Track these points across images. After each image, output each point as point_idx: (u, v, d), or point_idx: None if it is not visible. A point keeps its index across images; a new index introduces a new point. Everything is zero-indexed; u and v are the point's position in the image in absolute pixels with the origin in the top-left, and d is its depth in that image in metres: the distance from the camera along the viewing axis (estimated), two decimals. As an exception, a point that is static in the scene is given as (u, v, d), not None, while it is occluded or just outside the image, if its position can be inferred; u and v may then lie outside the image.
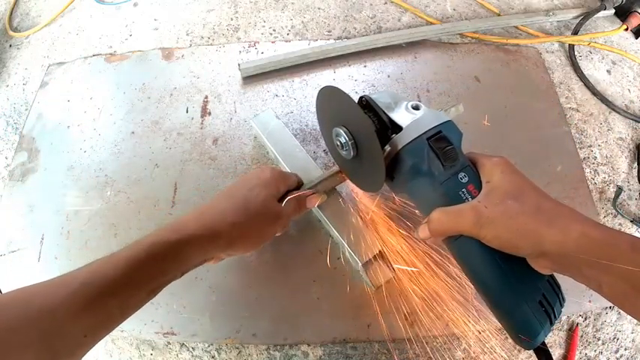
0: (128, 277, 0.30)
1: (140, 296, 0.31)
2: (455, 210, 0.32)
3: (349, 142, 0.37)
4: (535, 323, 0.31)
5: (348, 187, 0.51)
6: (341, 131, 0.37)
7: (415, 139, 0.34)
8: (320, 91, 0.40)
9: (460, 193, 0.33)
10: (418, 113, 0.35)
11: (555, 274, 0.32)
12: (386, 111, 0.36)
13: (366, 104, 0.37)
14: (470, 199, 0.33)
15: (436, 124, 0.34)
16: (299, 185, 0.44)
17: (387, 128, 0.36)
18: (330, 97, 0.39)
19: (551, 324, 0.32)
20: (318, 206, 0.47)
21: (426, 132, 0.34)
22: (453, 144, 0.33)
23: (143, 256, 0.31)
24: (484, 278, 0.33)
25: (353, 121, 0.36)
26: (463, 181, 0.33)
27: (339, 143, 0.39)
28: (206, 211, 0.36)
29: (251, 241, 0.39)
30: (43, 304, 0.27)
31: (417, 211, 0.40)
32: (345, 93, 0.35)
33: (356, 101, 0.37)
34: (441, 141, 0.33)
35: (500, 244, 0.30)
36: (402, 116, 0.35)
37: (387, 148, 0.35)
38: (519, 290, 0.31)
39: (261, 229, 0.39)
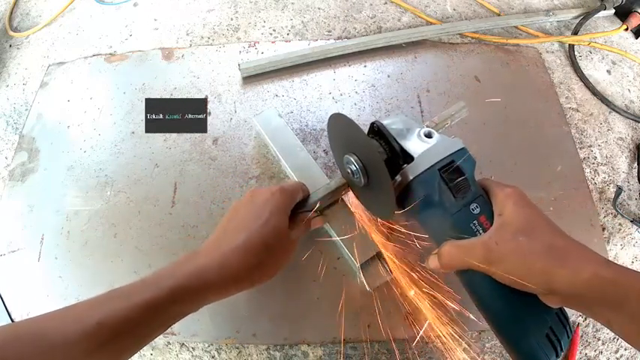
0: (144, 320, 0.29)
1: (153, 336, 0.31)
2: (465, 245, 0.32)
3: (359, 170, 0.36)
4: (542, 356, 0.31)
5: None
6: (351, 159, 0.37)
7: (426, 170, 0.33)
8: (330, 118, 0.39)
9: (472, 225, 0.33)
10: (431, 141, 0.34)
11: None
12: (397, 138, 0.35)
13: (378, 131, 0.37)
14: (481, 231, 0.33)
15: (448, 153, 0.33)
16: (305, 196, 0.43)
17: (399, 157, 0.35)
18: (339, 125, 0.38)
19: (557, 356, 0.32)
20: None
21: (437, 162, 0.33)
22: (465, 174, 0.33)
23: (162, 301, 0.30)
24: (492, 310, 0.33)
25: (362, 150, 0.36)
26: (475, 212, 0.33)
27: (349, 170, 0.38)
28: (225, 254, 0.34)
29: (268, 277, 0.37)
30: (56, 340, 0.27)
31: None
32: (353, 122, 0.34)
33: (368, 128, 0.37)
34: (453, 172, 0.33)
35: (510, 282, 0.30)
36: (414, 144, 0.34)
37: (398, 178, 0.34)
38: (527, 323, 0.31)
39: (277, 262, 0.37)
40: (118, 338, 0.28)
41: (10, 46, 0.67)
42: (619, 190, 0.54)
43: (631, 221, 0.52)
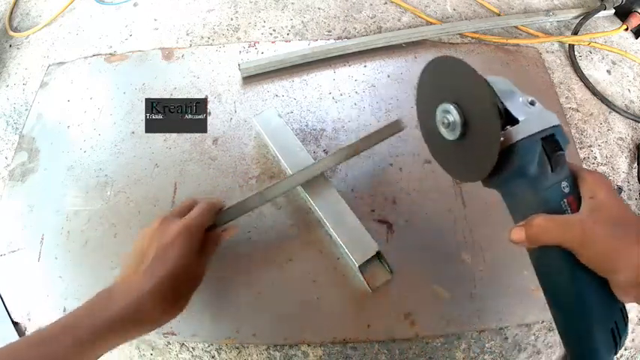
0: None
1: None
2: (562, 220, 0.31)
3: (459, 121, 0.34)
4: (603, 352, 0.31)
5: (348, 186, 0.51)
6: (451, 107, 0.34)
7: (531, 135, 0.32)
8: (432, 61, 0.36)
9: (562, 202, 0.32)
10: (534, 109, 0.33)
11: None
12: (502, 98, 0.33)
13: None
14: (569, 210, 0.32)
15: (551, 125, 0.32)
16: (219, 210, 0.43)
17: (502, 117, 0.33)
18: (445, 68, 0.36)
19: (615, 354, 0.31)
20: (316, 206, 0.47)
21: (542, 131, 0.32)
22: (563, 149, 0.32)
23: (82, 348, 0.31)
24: (563, 292, 0.32)
25: (469, 96, 0.33)
26: (565, 191, 0.32)
27: (446, 121, 0.35)
28: (139, 305, 0.34)
29: (175, 315, 0.37)
30: None
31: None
32: (464, 62, 0.32)
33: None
34: (554, 144, 0.32)
35: (598, 265, 0.30)
36: (517, 108, 0.33)
37: (501, 137, 0.32)
38: (596, 314, 0.31)
39: (187, 300, 0.38)
40: None
41: (10, 46, 0.67)
42: (619, 190, 0.54)
43: (631, 221, 0.52)
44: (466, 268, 0.47)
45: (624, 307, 0.32)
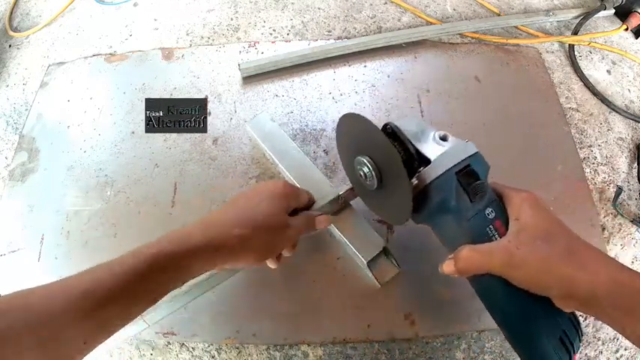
0: (129, 288, 0.30)
1: (141, 305, 0.31)
2: (485, 249, 0.32)
3: (373, 173, 0.36)
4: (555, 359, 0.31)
5: (348, 186, 0.51)
6: (364, 160, 0.36)
7: (444, 173, 0.32)
8: (341, 118, 0.38)
9: (487, 229, 0.33)
10: (446, 144, 0.34)
11: None
12: (412, 141, 0.34)
13: (392, 133, 0.36)
14: (497, 235, 0.32)
15: (465, 157, 0.33)
16: (310, 204, 0.43)
17: (414, 159, 0.34)
18: (352, 125, 0.37)
19: (570, 359, 0.32)
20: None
21: (454, 165, 0.33)
22: (480, 178, 0.33)
23: (145, 267, 0.30)
24: (506, 314, 0.33)
25: (378, 151, 0.35)
26: (490, 216, 0.33)
27: (362, 174, 0.37)
28: (212, 223, 0.35)
29: (255, 255, 0.37)
30: (42, 311, 0.27)
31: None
32: (369, 121, 0.34)
33: (380, 128, 0.35)
34: (469, 175, 0.33)
35: (529, 286, 0.30)
36: (429, 147, 0.34)
37: (415, 181, 0.34)
38: (541, 327, 0.31)
39: (267, 242, 0.37)
40: (104, 307, 0.29)
41: (10, 46, 0.67)
42: (619, 190, 0.54)
43: (631, 221, 0.52)
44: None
45: (573, 313, 0.32)
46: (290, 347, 0.44)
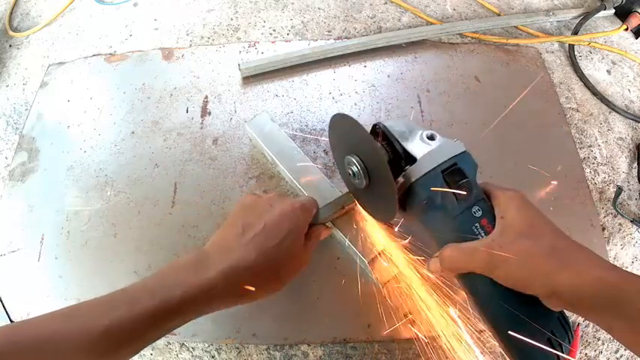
0: (150, 332, 0.30)
1: (154, 341, 0.31)
2: (468, 248, 0.32)
3: (361, 172, 0.36)
4: None
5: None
6: (353, 160, 0.36)
7: (429, 172, 0.33)
8: (332, 118, 0.39)
9: (473, 227, 0.33)
10: (433, 144, 0.34)
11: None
12: (400, 140, 0.35)
13: (380, 132, 0.36)
14: (483, 234, 0.33)
15: (451, 155, 0.33)
16: (317, 212, 0.43)
17: (401, 158, 0.35)
18: (341, 125, 0.38)
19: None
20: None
21: (440, 164, 0.33)
22: (467, 177, 0.33)
23: (169, 313, 0.30)
24: (493, 313, 0.33)
25: (365, 151, 0.35)
26: (477, 215, 0.33)
27: (350, 172, 0.38)
28: (234, 268, 0.33)
29: (277, 289, 0.37)
30: (61, 349, 0.27)
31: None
32: (356, 122, 0.34)
33: (370, 128, 0.36)
34: (455, 174, 0.33)
35: (513, 284, 0.30)
36: (416, 146, 0.34)
37: (401, 179, 0.34)
38: (529, 327, 0.31)
39: (289, 276, 0.37)
40: (121, 346, 0.28)
41: (10, 46, 0.67)
42: (619, 190, 0.54)
43: (631, 221, 0.52)
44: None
45: (562, 313, 0.32)
46: (290, 347, 0.44)
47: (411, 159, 0.34)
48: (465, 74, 0.62)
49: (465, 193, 0.33)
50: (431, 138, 0.34)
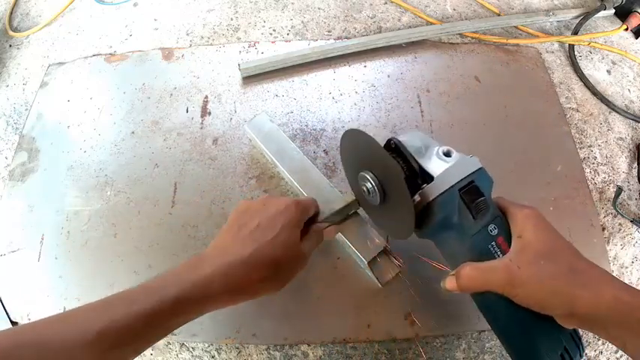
0: (149, 332, 0.30)
1: (154, 342, 0.31)
2: (487, 267, 0.31)
3: (376, 188, 0.35)
4: None
5: (348, 186, 0.51)
6: (367, 176, 0.36)
7: (447, 190, 0.32)
8: (345, 133, 0.38)
9: (490, 246, 0.33)
10: (450, 160, 0.33)
11: None
12: (416, 156, 0.34)
13: (395, 148, 0.35)
14: (499, 253, 0.32)
15: (468, 173, 0.33)
16: (317, 212, 0.43)
17: (417, 176, 0.34)
18: (355, 140, 0.37)
19: None
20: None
21: (457, 182, 0.32)
22: (484, 195, 0.32)
23: (166, 312, 0.30)
24: (508, 331, 0.33)
25: (381, 167, 0.35)
26: (493, 233, 0.33)
27: (365, 189, 0.37)
28: (231, 265, 0.33)
29: (275, 288, 0.36)
30: (57, 349, 0.27)
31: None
32: (371, 137, 0.34)
33: (384, 144, 0.35)
34: (472, 192, 0.32)
35: (531, 304, 0.30)
36: (432, 163, 0.34)
37: (417, 197, 0.33)
38: (542, 343, 0.31)
39: (286, 274, 0.37)
40: (119, 347, 0.28)
41: (10, 46, 0.67)
42: (619, 190, 0.54)
43: (631, 221, 0.52)
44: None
45: (575, 329, 0.32)
46: (290, 347, 0.44)
47: (428, 176, 0.34)
48: (465, 74, 0.62)
49: (481, 211, 0.32)
50: (447, 154, 0.34)
